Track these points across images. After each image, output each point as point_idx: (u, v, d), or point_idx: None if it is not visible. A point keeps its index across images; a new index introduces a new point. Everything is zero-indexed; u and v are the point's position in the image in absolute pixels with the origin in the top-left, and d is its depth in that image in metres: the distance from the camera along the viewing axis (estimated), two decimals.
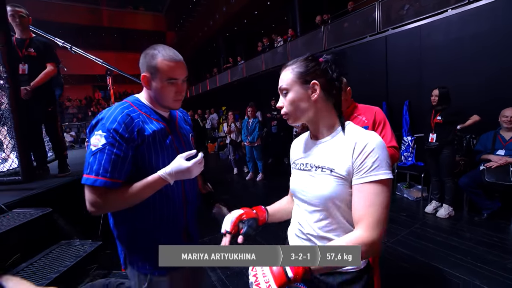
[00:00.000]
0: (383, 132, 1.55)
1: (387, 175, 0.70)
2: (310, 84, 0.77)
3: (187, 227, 1.03)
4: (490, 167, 2.77)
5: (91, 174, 0.81)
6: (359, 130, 0.78)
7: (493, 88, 3.27)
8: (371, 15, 5.16)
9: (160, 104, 0.96)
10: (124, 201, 0.85)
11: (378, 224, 0.68)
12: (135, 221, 0.93)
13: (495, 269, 2.06)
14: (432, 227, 2.86)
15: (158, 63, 0.90)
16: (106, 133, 0.83)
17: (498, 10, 3.24)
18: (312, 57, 0.80)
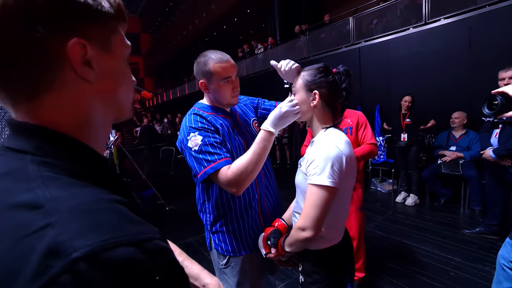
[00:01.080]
0: (365, 132, 1.86)
1: (321, 182, 0.83)
2: (312, 92, 0.93)
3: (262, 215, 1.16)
4: (445, 161, 3.32)
5: (209, 164, 0.91)
6: (320, 141, 0.91)
7: (445, 96, 3.87)
8: (345, 28, 5.72)
9: (220, 103, 1.08)
10: (245, 167, 0.90)
11: (306, 216, 0.85)
12: (216, 214, 1.09)
13: (449, 241, 2.58)
14: (402, 213, 3.35)
15: (211, 67, 0.99)
16: (197, 131, 0.96)
17: (449, 31, 3.88)
18: (324, 68, 0.94)
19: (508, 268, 1.13)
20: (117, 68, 0.40)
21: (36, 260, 0.23)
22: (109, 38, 0.37)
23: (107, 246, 0.25)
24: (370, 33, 5.19)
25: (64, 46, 0.32)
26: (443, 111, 3.66)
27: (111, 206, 0.29)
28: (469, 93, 3.63)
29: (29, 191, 0.28)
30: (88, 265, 0.23)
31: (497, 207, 2.56)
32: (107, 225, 0.27)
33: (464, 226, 2.83)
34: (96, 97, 0.37)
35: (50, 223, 0.25)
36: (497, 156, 2.37)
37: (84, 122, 0.37)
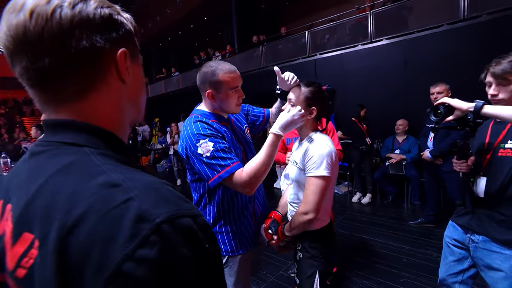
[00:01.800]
0: (332, 139, 2.00)
1: (321, 173, 1.03)
2: (310, 108, 1.11)
3: (254, 215, 1.24)
4: (392, 163, 3.79)
5: (223, 168, 0.96)
6: (316, 142, 1.09)
7: (388, 106, 4.44)
8: (301, 41, 6.14)
9: (225, 111, 1.13)
10: (258, 168, 0.97)
11: (309, 202, 1.04)
12: (216, 215, 1.14)
13: (399, 232, 2.96)
14: (358, 212, 3.70)
15: (221, 77, 1.03)
16: (207, 138, 0.99)
17: (390, 50, 4.48)
18: (319, 87, 1.13)
19: (451, 245, 1.37)
20: (140, 75, 0.48)
21: (129, 224, 0.28)
22: (136, 50, 0.45)
23: (178, 214, 0.31)
24: (324, 46, 5.67)
25: (115, 54, 0.39)
26: (386, 119, 4.17)
27: (166, 186, 0.35)
28: (407, 104, 4.22)
29: (103, 174, 0.33)
30: (170, 227, 0.29)
31: (433, 200, 3.03)
32: (171, 199, 0.33)
33: (408, 218, 3.26)
34: (127, 98, 0.44)
35: (131, 197, 0.30)
36: (433, 156, 2.81)
37: (119, 119, 0.44)
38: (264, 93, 4.36)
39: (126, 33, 0.42)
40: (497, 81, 1.14)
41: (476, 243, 1.23)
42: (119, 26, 0.41)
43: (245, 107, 1.40)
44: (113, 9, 0.40)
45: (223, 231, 1.16)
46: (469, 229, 1.27)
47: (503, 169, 1.14)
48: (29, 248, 0.32)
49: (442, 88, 2.71)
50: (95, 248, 0.27)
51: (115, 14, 0.41)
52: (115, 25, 0.40)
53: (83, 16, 0.36)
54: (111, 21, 0.39)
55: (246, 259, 1.20)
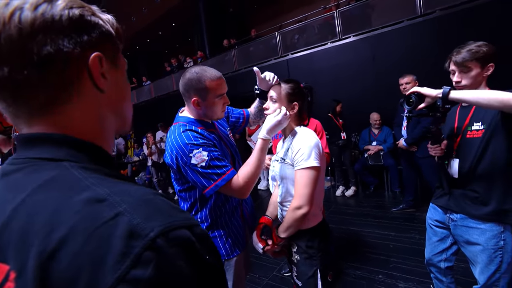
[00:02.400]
0: (321, 141, 2.05)
1: (310, 164, 1.02)
2: (292, 103, 1.13)
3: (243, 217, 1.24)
4: (370, 154, 3.93)
5: (219, 177, 0.97)
6: (300, 134, 1.11)
7: (359, 100, 4.60)
8: (272, 42, 6.21)
9: (210, 117, 1.13)
10: (252, 172, 1.01)
11: (301, 195, 1.03)
12: (211, 222, 1.13)
13: (384, 220, 3.07)
14: (343, 205, 3.80)
15: (208, 85, 1.01)
16: (200, 147, 0.97)
17: (358, 46, 4.67)
18: (298, 84, 1.17)
19: (434, 226, 1.45)
20: (122, 81, 0.44)
21: (119, 242, 0.26)
22: (116, 54, 0.42)
23: (173, 226, 0.29)
24: (295, 46, 5.78)
25: (87, 59, 0.36)
26: (359, 113, 4.33)
27: (158, 197, 0.33)
28: (378, 97, 4.41)
29: (87, 189, 0.30)
30: (165, 241, 0.27)
31: (411, 185, 3.18)
32: (165, 210, 0.31)
33: (391, 206, 3.39)
34: (107, 107, 0.41)
35: (120, 212, 0.28)
36: (407, 144, 2.96)
37: (100, 130, 0.40)
38: (239, 96, 4.35)
39: (101, 36, 0.38)
40: (459, 68, 1.22)
41: (455, 222, 1.31)
42: (92, 28, 0.37)
43: (225, 111, 1.37)
44: (85, 10, 0.37)
45: (216, 235, 1.15)
46: (448, 209, 1.35)
47: (471, 150, 1.23)
48: (4, 281, 0.28)
49: (410, 78, 2.87)
50: (82, 274, 0.24)
51: (88, 15, 0.37)
52: (86, 27, 0.36)
53: (46, 19, 0.32)
54: (82, 22, 0.35)
55: (240, 261, 1.21)
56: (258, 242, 1.16)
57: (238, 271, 1.19)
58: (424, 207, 3.16)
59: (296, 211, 1.04)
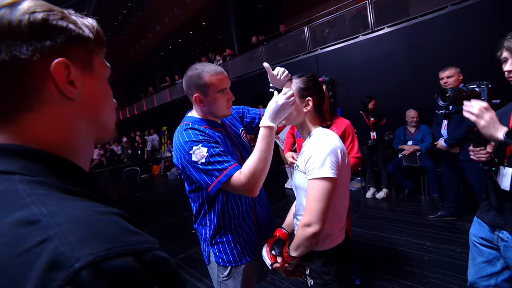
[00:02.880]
0: (352, 144, 1.75)
1: (323, 175, 0.87)
2: (305, 99, 0.99)
3: (257, 222, 1.17)
4: (405, 155, 3.63)
5: (221, 173, 0.90)
6: (315, 138, 0.96)
7: (396, 95, 4.28)
8: (301, 37, 6.03)
9: (215, 115, 1.08)
10: (255, 166, 0.91)
11: (311, 211, 0.88)
12: (216, 225, 1.08)
13: (418, 227, 2.80)
14: (373, 208, 3.56)
15: (207, 80, 0.98)
16: (199, 143, 0.94)
17: (393, 38, 4.32)
18: (313, 77, 1.02)
19: (478, 244, 1.24)
20: (98, 88, 0.42)
21: (37, 275, 0.22)
22: (91, 59, 0.40)
23: (109, 255, 0.25)
24: (324, 41, 5.54)
25: (48, 67, 0.34)
26: (395, 109, 4.02)
27: (109, 217, 0.29)
28: (415, 92, 4.05)
29: (23, 208, 0.27)
30: (91, 275, 0.23)
31: (452, 191, 2.86)
32: (107, 235, 0.27)
33: (427, 212, 3.10)
34: (80, 116, 0.39)
35: (49, 237, 0.24)
36: (448, 145, 2.66)
37: (69, 140, 0.38)
38: (267, 93, 4.24)
39: (70, 40, 0.36)
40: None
41: (506, 242, 1.10)
42: (58, 32, 0.35)
43: (239, 110, 1.34)
44: (52, 14, 0.35)
45: (224, 241, 1.11)
46: (496, 226, 1.14)
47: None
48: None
49: (452, 71, 2.56)
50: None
51: (55, 19, 0.35)
52: (49, 31, 0.34)
53: (2, 24, 0.31)
54: (44, 27, 0.34)
55: (250, 269, 1.15)
56: (267, 258, 1.06)
57: (247, 279, 1.14)
58: (467, 216, 2.84)
59: (305, 228, 0.89)
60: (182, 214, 4.30)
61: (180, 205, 4.98)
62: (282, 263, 1.00)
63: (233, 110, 1.30)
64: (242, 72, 7.67)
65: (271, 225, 1.26)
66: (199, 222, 1.14)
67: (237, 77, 7.77)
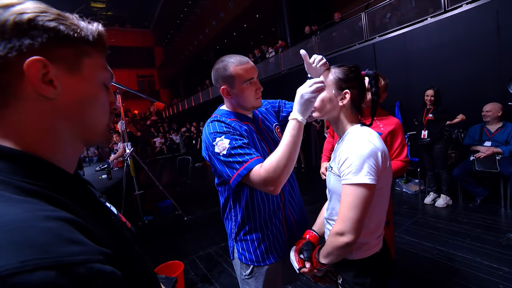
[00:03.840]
0: (401, 146, 1.57)
1: (359, 180, 0.78)
2: (343, 91, 0.88)
3: (286, 222, 1.12)
4: (479, 157, 3.05)
5: (241, 165, 0.87)
6: (352, 138, 0.86)
7: (473, 87, 3.60)
8: (357, 25, 5.53)
9: (244, 107, 1.04)
10: (278, 161, 0.84)
11: (345, 219, 0.79)
12: (240, 222, 1.07)
13: (492, 247, 2.32)
14: (432, 216, 3.10)
15: (232, 71, 0.96)
16: (222, 135, 0.92)
17: (473, 17, 3.61)
18: (355, 68, 0.90)
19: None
20: (85, 89, 0.41)
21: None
22: (80, 60, 0.40)
23: (24, 268, 0.23)
24: (385, 27, 4.98)
25: (22, 64, 0.34)
26: (471, 103, 3.40)
27: (47, 224, 0.27)
28: (501, 82, 3.33)
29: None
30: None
31: None
32: (34, 245, 0.25)
33: (507, 229, 2.55)
34: (60, 116, 0.38)
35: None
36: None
37: (46, 138, 0.37)
38: None
39: (54, 40, 0.36)
40: None
41: None
42: (42, 31, 0.35)
43: (275, 104, 1.27)
44: (44, 15, 0.36)
45: (248, 239, 1.07)
46: None
47: None
48: None
49: None
50: None
51: (43, 20, 0.35)
52: (31, 31, 0.34)
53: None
54: (27, 27, 0.34)
55: (275, 270, 1.09)
56: (294, 261, 0.98)
57: (270, 281, 1.08)
58: None
59: (337, 237, 0.81)
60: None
61: None
62: (311, 268, 0.93)
63: (269, 104, 1.25)
64: (293, 64, 7.45)
65: (305, 227, 1.18)
66: (226, 216, 1.14)
67: (288, 69, 7.59)
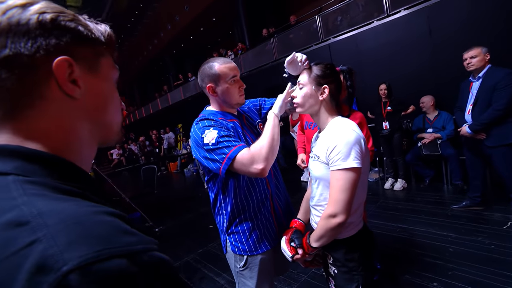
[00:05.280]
0: (366, 137, 1.68)
1: (349, 165, 0.86)
2: (321, 86, 0.98)
3: (274, 212, 1.18)
4: (425, 143, 3.47)
5: (230, 149, 0.93)
6: (336, 128, 0.94)
7: (415, 81, 4.07)
8: (312, 27, 5.87)
9: (229, 104, 1.11)
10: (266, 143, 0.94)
11: (336, 201, 0.87)
12: (231, 214, 1.11)
13: (441, 218, 2.69)
14: (392, 199, 3.45)
15: (217, 69, 1.05)
16: (211, 127, 0.99)
17: (410, 21, 4.10)
18: (331, 65, 1.00)
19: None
20: (104, 89, 0.42)
21: (24, 277, 0.22)
22: (98, 61, 0.41)
23: (100, 257, 0.24)
24: (337, 29, 5.37)
25: (51, 64, 0.34)
26: (415, 96, 3.84)
27: (102, 217, 0.28)
28: (435, 76, 3.84)
29: (13, 209, 0.27)
30: (80, 278, 0.22)
31: (478, 179, 2.71)
32: (98, 236, 0.26)
33: (451, 202, 2.96)
34: (82, 116, 0.39)
35: (37, 239, 0.24)
36: (473, 131, 2.50)
37: (70, 139, 0.38)
38: (280, 86, 4.17)
39: (76, 40, 0.37)
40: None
41: None
42: (65, 31, 0.36)
43: (256, 102, 1.35)
44: (62, 15, 0.36)
45: (239, 230, 1.12)
46: None
47: None
48: None
49: (477, 51, 2.41)
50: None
51: (63, 20, 0.36)
52: (56, 31, 0.35)
53: (11, 22, 0.32)
54: (51, 27, 0.34)
55: (268, 259, 1.15)
56: (286, 250, 1.05)
57: (264, 270, 1.13)
58: (495, 206, 2.69)
59: (330, 219, 0.88)
60: (200, 210, 4.37)
61: (197, 201, 5.06)
62: (303, 255, 1.00)
63: (250, 103, 1.33)
64: (253, 67, 7.60)
65: (291, 216, 1.25)
66: (217, 212, 1.18)
67: (249, 71, 7.72)
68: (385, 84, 3.63)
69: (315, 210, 1.06)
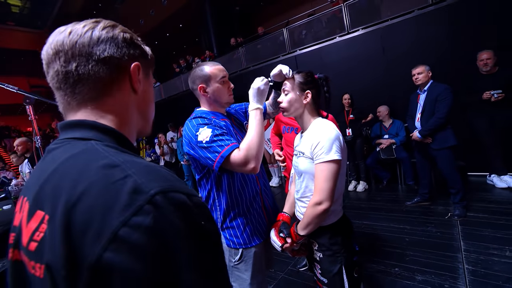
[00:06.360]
0: None
1: (332, 157, 1.00)
2: (305, 92, 1.12)
3: (264, 207, 1.26)
4: (382, 148, 3.88)
5: (223, 148, 0.99)
6: (319, 127, 1.09)
7: (372, 93, 4.54)
8: (279, 39, 6.19)
9: (220, 103, 1.18)
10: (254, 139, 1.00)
11: (322, 190, 1.00)
12: (225, 210, 1.16)
13: (398, 214, 3.04)
14: (356, 199, 3.77)
15: (208, 71, 1.13)
16: (205, 125, 1.04)
17: (367, 39, 4.60)
18: (311, 73, 1.16)
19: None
20: (150, 91, 0.56)
21: (126, 196, 0.32)
22: (149, 70, 0.55)
23: (171, 189, 0.35)
24: (302, 42, 5.74)
25: (129, 66, 0.48)
26: (372, 106, 4.28)
27: (162, 168, 0.40)
28: (388, 89, 4.34)
29: (105, 158, 0.38)
30: (163, 199, 0.33)
31: (426, 178, 3.12)
32: (165, 179, 0.37)
33: (405, 200, 3.35)
34: (136, 107, 0.52)
35: (128, 175, 0.35)
36: (422, 136, 2.90)
37: (125, 123, 0.49)
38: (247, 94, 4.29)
39: (142, 53, 0.51)
40: None
41: None
42: (137, 46, 0.50)
43: (242, 106, 1.44)
44: (133, 35, 0.51)
45: (234, 225, 1.18)
46: None
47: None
48: (40, 223, 0.36)
49: (422, 69, 2.82)
50: (95, 218, 0.31)
51: (135, 38, 0.51)
52: (133, 44, 0.49)
53: (108, 35, 0.46)
54: (130, 41, 0.49)
55: (260, 254, 1.22)
56: (276, 240, 1.15)
57: (258, 263, 1.20)
58: (439, 200, 3.12)
59: (316, 207, 1.01)
60: None
61: None
62: (291, 243, 1.11)
63: (237, 107, 1.41)
64: None
65: (277, 211, 1.35)
66: (210, 208, 1.21)
67: None
68: (348, 94, 4.00)
69: (301, 202, 1.18)
